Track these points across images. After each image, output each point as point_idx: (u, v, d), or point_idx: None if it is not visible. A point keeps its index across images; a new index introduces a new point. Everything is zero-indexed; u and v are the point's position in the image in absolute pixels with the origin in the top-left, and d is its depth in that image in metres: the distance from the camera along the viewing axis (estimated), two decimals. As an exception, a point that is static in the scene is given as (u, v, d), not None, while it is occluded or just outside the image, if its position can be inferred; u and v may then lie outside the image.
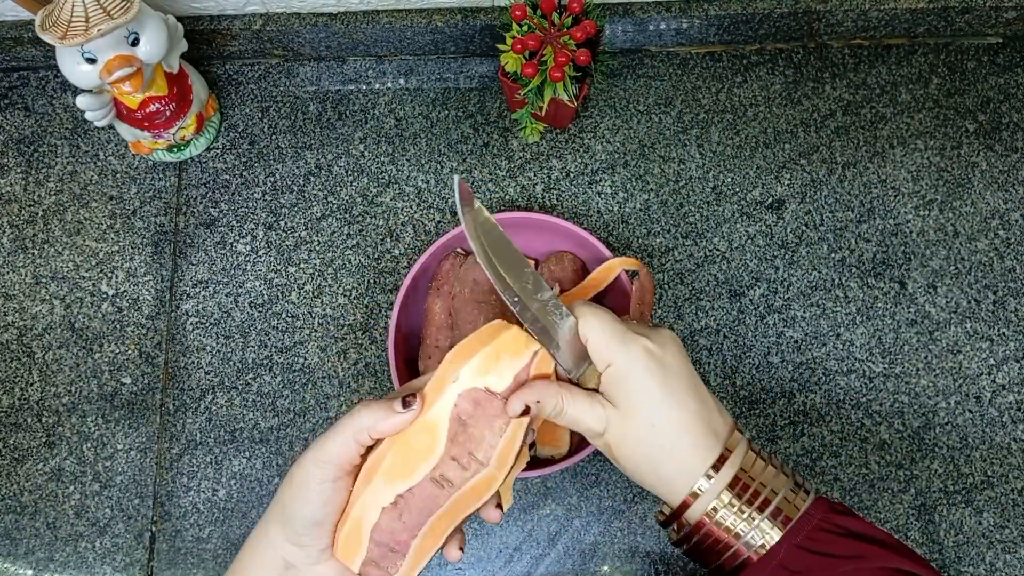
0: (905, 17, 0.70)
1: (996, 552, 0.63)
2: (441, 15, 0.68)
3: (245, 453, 0.65)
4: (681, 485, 0.40)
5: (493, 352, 0.41)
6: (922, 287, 0.68)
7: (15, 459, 0.66)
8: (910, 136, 0.71)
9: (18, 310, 0.69)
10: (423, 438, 0.40)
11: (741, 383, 0.66)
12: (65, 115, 0.73)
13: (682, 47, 0.74)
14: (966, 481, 0.64)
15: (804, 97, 0.72)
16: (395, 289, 0.68)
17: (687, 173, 0.71)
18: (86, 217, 0.71)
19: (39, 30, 0.55)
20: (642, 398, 0.40)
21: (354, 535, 0.40)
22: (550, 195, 0.70)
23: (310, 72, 0.74)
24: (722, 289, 0.68)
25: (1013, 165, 0.70)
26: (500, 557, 0.63)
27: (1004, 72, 0.73)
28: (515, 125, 0.72)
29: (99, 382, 0.67)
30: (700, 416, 0.40)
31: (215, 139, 0.72)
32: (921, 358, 0.66)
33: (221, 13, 0.69)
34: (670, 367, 0.40)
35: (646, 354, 0.40)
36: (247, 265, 0.69)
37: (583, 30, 0.59)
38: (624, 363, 0.40)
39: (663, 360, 0.40)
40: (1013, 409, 0.65)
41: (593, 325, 0.41)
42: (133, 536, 0.64)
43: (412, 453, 0.40)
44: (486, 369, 0.40)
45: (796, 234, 0.69)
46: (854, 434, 0.65)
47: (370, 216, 0.70)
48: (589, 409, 0.41)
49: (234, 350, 0.67)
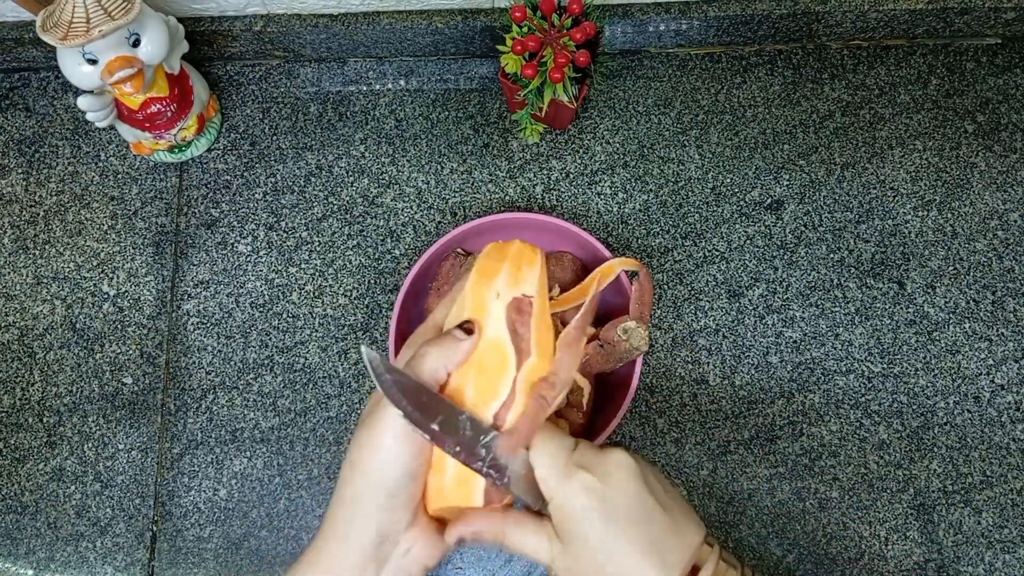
0: (904, 18, 0.70)
1: (995, 552, 0.63)
2: (441, 16, 0.68)
3: (246, 453, 0.66)
4: None
5: (514, 264, 0.43)
6: (921, 287, 0.68)
7: (16, 459, 0.66)
8: (909, 137, 0.71)
9: (19, 310, 0.69)
10: (492, 357, 0.41)
11: (740, 383, 0.66)
12: (66, 116, 0.73)
13: (681, 48, 0.74)
14: (965, 481, 0.64)
15: (803, 98, 0.72)
16: (396, 289, 0.68)
17: (686, 174, 0.71)
18: (87, 218, 0.71)
19: (40, 31, 0.55)
20: (584, 538, 0.38)
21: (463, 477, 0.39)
22: (550, 196, 0.70)
23: (311, 73, 0.74)
24: (721, 289, 0.68)
25: (1012, 166, 0.70)
26: (500, 557, 0.63)
27: (1003, 73, 0.73)
28: (515, 126, 0.72)
29: (100, 382, 0.67)
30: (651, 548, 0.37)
31: (216, 140, 0.72)
32: (920, 358, 0.67)
33: (222, 14, 0.69)
34: (612, 501, 0.38)
35: (584, 492, 0.38)
36: (248, 265, 0.69)
37: (583, 31, 0.59)
38: (562, 501, 0.38)
39: (604, 495, 0.38)
40: (1012, 409, 0.65)
41: (540, 456, 0.39)
42: (134, 536, 0.64)
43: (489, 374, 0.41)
44: (516, 279, 0.43)
45: (795, 234, 0.69)
46: (853, 434, 0.65)
47: (371, 217, 0.70)
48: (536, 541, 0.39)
49: (235, 350, 0.67)
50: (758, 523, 0.64)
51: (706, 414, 0.65)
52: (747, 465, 0.64)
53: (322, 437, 0.66)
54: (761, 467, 0.64)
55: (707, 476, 0.64)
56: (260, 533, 0.64)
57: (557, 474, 0.38)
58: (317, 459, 0.65)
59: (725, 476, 0.64)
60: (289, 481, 0.65)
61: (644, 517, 0.38)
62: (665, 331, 0.67)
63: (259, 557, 0.64)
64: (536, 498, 0.40)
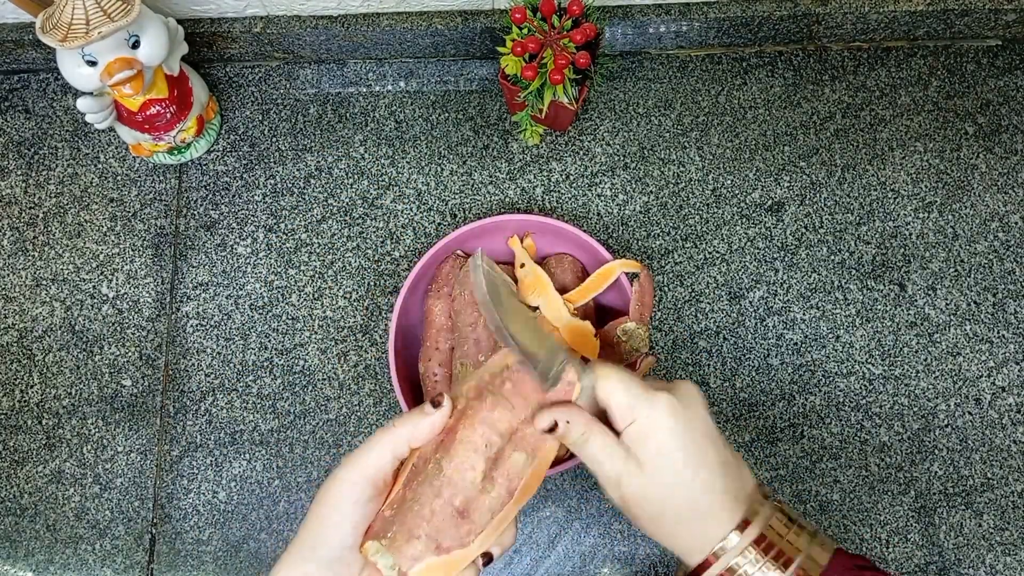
0: (904, 20, 0.70)
1: (996, 554, 0.63)
2: (441, 18, 0.68)
3: (245, 455, 0.65)
4: (702, 545, 0.39)
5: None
6: (922, 289, 0.68)
7: (15, 461, 0.66)
8: (909, 138, 0.71)
9: (18, 312, 0.69)
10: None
11: (741, 385, 0.66)
12: (65, 118, 0.73)
13: (682, 50, 0.74)
14: (966, 483, 0.64)
15: (803, 100, 0.72)
16: (395, 291, 0.68)
17: (687, 175, 0.71)
18: (86, 219, 0.71)
19: (40, 32, 0.55)
20: (665, 456, 0.39)
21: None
22: (550, 197, 0.70)
23: (310, 75, 0.74)
24: (722, 291, 0.68)
25: (1012, 167, 0.70)
26: (500, 559, 0.63)
27: (1003, 74, 0.73)
28: (515, 128, 0.72)
29: (99, 384, 0.67)
30: (723, 476, 0.39)
31: (215, 141, 0.72)
32: (921, 360, 0.66)
33: (221, 16, 0.69)
34: (694, 425, 0.39)
35: (671, 410, 0.39)
36: (247, 267, 0.69)
37: (583, 33, 0.59)
38: (648, 420, 0.39)
39: (687, 417, 0.39)
40: (1013, 411, 0.65)
41: (615, 383, 0.40)
42: (133, 538, 0.64)
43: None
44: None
45: (796, 236, 0.69)
46: (854, 436, 0.65)
47: (370, 218, 0.70)
48: (613, 450, 0.40)
49: (234, 352, 0.67)
50: (759, 526, 0.63)
51: (706, 416, 0.65)
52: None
53: (321, 439, 0.65)
54: (762, 469, 0.64)
55: (708, 478, 0.64)
56: (259, 535, 0.64)
57: (643, 395, 0.39)
58: (316, 461, 0.65)
59: (726, 478, 0.64)
60: (288, 483, 0.65)
61: (717, 449, 0.40)
62: (665, 333, 0.67)
63: (258, 560, 0.64)
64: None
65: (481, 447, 0.40)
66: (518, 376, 0.42)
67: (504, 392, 0.42)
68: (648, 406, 0.39)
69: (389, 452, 0.39)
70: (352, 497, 0.38)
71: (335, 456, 0.65)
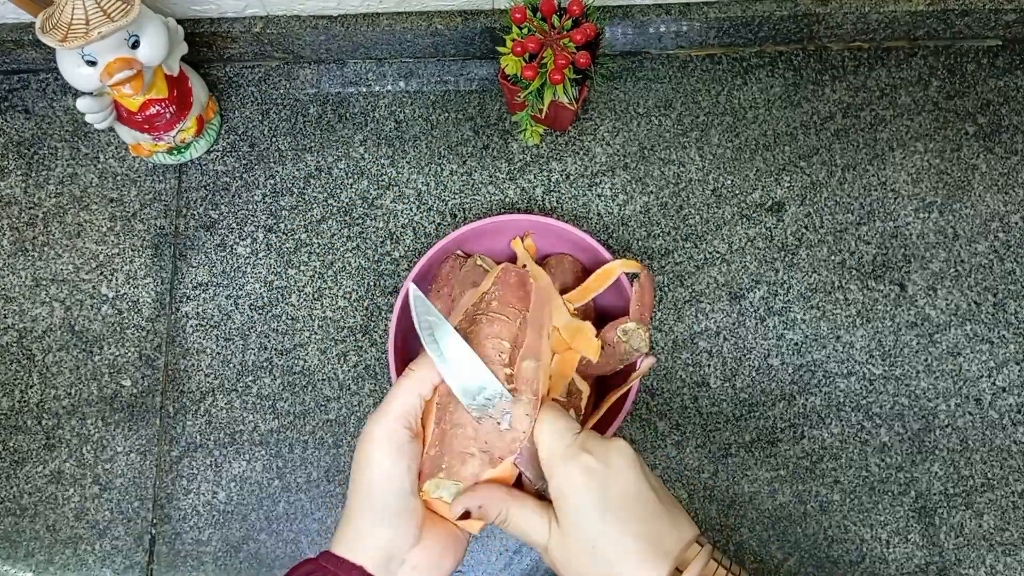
0: (905, 20, 0.70)
1: (996, 555, 0.63)
2: (441, 18, 0.68)
3: (245, 456, 0.65)
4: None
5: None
6: (922, 289, 0.68)
7: (15, 462, 0.66)
8: (910, 138, 0.71)
9: (18, 312, 0.69)
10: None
11: (741, 385, 0.66)
12: (65, 118, 0.73)
13: (682, 50, 0.74)
14: (966, 484, 0.64)
15: (804, 100, 0.72)
16: (395, 291, 0.68)
17: (687, 175, 0.71)
18: (86, 220, 0.71)
19: (39, 32, 0.55)
20: (580, 518, 0.38)
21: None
22: (550, 198, 0.70)
23: (310, 74, 0.74)
24: (722, 291, 0.68)
25: (1013, 167, 0.70)
26: (500, 560, 0.63)
27: (1004, 74, 0.73)
28: (515, 128, 0.72)
29: (99, 384, 0.67)
30: (645, 537, 0.38)
31: (215, 142, 0.72)
32: (921, 360, 0.66)
33: (221, 16, 0.69)
34: (611, 486, 0.38)
35: (584, 473, 0.38)
36: (247, 267, 0.69)
37: (583, 33, 0.59)
38: (561, 481, 0.39)
39: (604, 478, 0.38)
40: (1013, 411, 0.65)
41: (545, 434, 0.40)
42: (133, 539, 0.64)
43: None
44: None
45: (796, 236, 0.69)
46: (854, 436, 0.65)
47: (370, 218, 0.70)
48: (533, 519, 0.39)
49: (234, 352, 0.67)
50: (759, 526, 0.63)
51: (707, 417, 0.65)
52: (748, 468, 0.64)
53: (321, 440, 0.65)
54: (762, 470, 0.64)
55: (708, 479, 0.64)
56: (259, 536, 0.64)
57: (561, 452, 0.39)
58: (316, 462, 0.65)
59: (726, 479, 0.64)
60: (288, 484, 0.65)
61: (641, 505, 0.39)
62: (666, 333, 0.67)
63: (258, 560, 0.64)
64: (538, 475, 0.41)
65: (496, 358, 0.43)
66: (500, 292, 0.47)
67: (493, 309, 0.46)
68: (561, 467, 0.39)
69: (416, 394, 0.40)
70: (396, 443, 0.39)
71: (335, 457, 0.65)
